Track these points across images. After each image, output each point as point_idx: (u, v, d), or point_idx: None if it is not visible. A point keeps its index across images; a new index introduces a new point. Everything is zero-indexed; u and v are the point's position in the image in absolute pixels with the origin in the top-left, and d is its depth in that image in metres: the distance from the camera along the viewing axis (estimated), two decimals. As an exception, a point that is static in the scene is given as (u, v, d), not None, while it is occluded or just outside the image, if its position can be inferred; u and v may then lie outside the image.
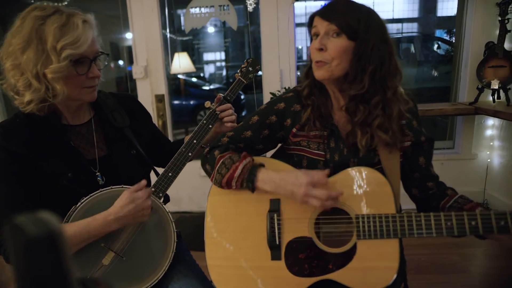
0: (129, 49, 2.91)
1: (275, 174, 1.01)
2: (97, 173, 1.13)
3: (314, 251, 1.02)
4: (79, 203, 1.06)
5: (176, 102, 4.80)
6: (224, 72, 6.08)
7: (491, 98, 2.60)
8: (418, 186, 1.13)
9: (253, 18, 3.19)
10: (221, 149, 1.10)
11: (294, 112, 1.10)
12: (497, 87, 2.49)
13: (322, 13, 1.01)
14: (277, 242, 1.05)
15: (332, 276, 1.01)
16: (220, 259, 1.10)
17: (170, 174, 1.19)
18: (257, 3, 2.77)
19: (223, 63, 6.06)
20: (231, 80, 5.66)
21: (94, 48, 1.03)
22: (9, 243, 0.31)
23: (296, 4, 2.78)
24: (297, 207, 1.04)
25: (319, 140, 1.08)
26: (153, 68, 2.84)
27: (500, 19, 2.48)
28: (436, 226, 0.94)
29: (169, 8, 2.88)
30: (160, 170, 1.24)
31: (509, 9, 2.45)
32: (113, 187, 1.10)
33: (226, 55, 5.85)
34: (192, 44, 5.11)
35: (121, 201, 1.05)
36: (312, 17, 1.04)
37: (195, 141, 1.24)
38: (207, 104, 1.32)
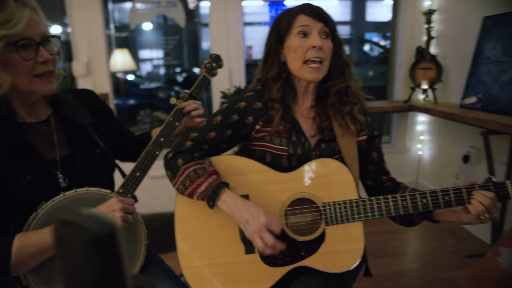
0: (66, 44, 2.70)
1: (239, 200, 1.03)
2: (59, 175, 1.06)
3: (286, 241, 1.06)
4: (39, 209, 0.98)
5: (115, 101, 4.57)
6: (162, 71, 5.91)
7: (421, 97, 2.88)
8: (372, 178, 1.22)
9: (193, 16, 3.15)
10: (185, 158, 1.09)
11: (256, 110, 1.13)
12: (426, 87, 2.77)
13: (314, 13, 1.06)
14: None
15: (305, 262, 1.07)
16: (194, 259, 1.10)
17: (138, 174, 1.15)
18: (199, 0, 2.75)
19: (161, 61, 5.89)
20: (172, 78, 5.52)
21: (37, 29, 0.94)
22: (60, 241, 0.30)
23: (244, 3, 2.82)
24: (266, 201, 1.08)
25: (282, 135, 1.12)
26: (96, 65, 2.68)
27: (426, 26, 2.75)
28: (394, 206, 1.03)
29: (105, 2, 2.74)
30: (127, 169, 1.19)
31: (432, 18, 2.73)
32: (77, 190, 1.04)
33: (165, 53, 5.69)
34: (127, 41, 4.89)
35: (106, 208, 1.01)
36: (296, 14, 1.08)
37: (162, 139, 1.21)
38: (173, 101, 1.29)
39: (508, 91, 2.14)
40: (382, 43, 4.16)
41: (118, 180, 1.20)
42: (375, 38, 5.01)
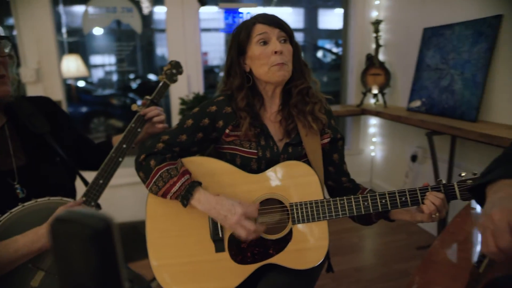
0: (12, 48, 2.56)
1: (212, 197, 1.06)
2: (16, 185, 1.02)
3: (255, 239, 1.10)
4: (-4, 221, 0.94)
5: (67, 109, 4.37)
6: (115, 77, 5.74)
7: (372, 101, 3.06)
8: (333, 179, 1.29)
9: (147, 21, 3.11)
10: (157, 159, 1.10)
11: (226, 114, 1.17)
12: (376, 92, 2.95)
13: (270, 20, 1.13)
14: (220, 235, 1.11)
15: (273, 260, 1.11)
16: (165, 258, 1.11)
17: (101, 181, 1.13)
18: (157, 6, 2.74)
19: (114, 67, 5.71)
20: (126, 85, 5.37)
21: None
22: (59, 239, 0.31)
23: (200, 9, 2.84)
24: (237, 199, 1.11)
25: (251, 139, 1.17)
26: (47, 71, 2.56)
27: (374, 35, 2.94)
28: (357, 206, 1.11)
29: (55, 4, 2.63)
30: (88, 177, 1.17)
31: (379, 28, 2.92)
32: (37, 200, 1.01)
33: (118, 59, 5.53)
34: (78, 46, 4.71)
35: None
36: (252, 24, 1.13)
37: (124, 146, 1.21)
38: (134, 107, 1.29)
39: (446, 95, 2.34)
40: (335, 50, 4.36)
41: (80, 188, 1.17)
42: (328, 45, 5.23)
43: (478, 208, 0.94)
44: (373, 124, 3.27)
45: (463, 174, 1.07)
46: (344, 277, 2.24)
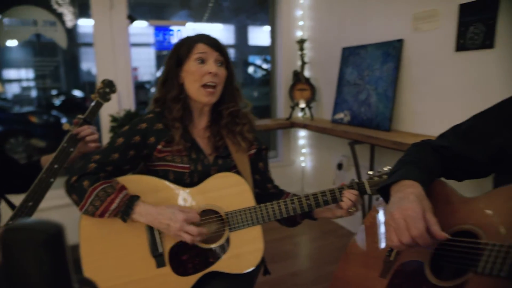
0: None
1: (152, 208, 1.09)
2: None
3: (194, 250, 1.14)
4: None
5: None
6: (34, 93, 5.33)
7: (300, 114, 3.26)
8: (259, 186, 1.38)
9: (71, 35, 2.99)
10: (91, 179, 1.10)
11: (157, 131, 1.20)
12: (304, 106, 3.15)
13: (211, 43, 1.19)
14: (160, 250, 1.13)
15: (213, 268, 1.16)
16: (106, 281, 1.09)
17: (30, 203, 1.09)
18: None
19: (32, 83, 5.31)
20: (49, 102, 5.02)
21: None
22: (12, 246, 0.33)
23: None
24: None
25: (183, 154, 1.21)
26: (-45, 88, 2.33)
27: (300, 53, 3.16)
28: (286, 209, 1.20)
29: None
30: (16, 200, 1.11)
31: (304, 46, 3.15)
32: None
33: (38, 74, 5.15)
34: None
35: None
36: (195, 42, 1.19)
37: (56, 166, 1.17)
38: (66, 126, 1.26)
39: (365, 108, 2.61)
40: (265, 66, 4.56)
41: (6, 213, 1.11)
42: (258, 61, 5.44)
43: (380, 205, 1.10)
44: (302, 136, 3.47)
45: (370, 173, 1.23)
46: (281, 282, 2.33)
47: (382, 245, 0.98)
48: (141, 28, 3.06)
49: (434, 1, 2.14)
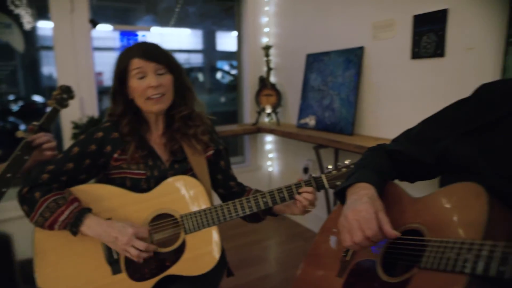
0: None
1: (103, 221, 1.09)
2: None
3: (150, 255, 1.13)
4: None
5: None
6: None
7: (267, 119, 3.30)
8: (222, 186, 1.40)
9: (30, 38, 2.88)
10: (43, 190, 1.08)
11: (114, 140, 1.21)
12: (270, 111, 3.20)
13: (146, 55, 1.16)
14: (115, 257, 1.13)
15: (170, 271, 1.16)
16: (61, 292, 1.06)
17: (-20, 215, 1.04)
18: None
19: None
20: (5, 108, 4.78)
21: None
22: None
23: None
24: (129, 220, 1.14)
25: (139, 161, 1.22)
26: None
27: (265, 59, 3.21)
28: (242, 208, 1.21)
29: None
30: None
31: (269, 52, 3.20)
32: None
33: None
34: None
35: None
36: (129, 58, 1.17)
37: (9, 175, 1.14)
38: (20, 134, 1.22)
39: (328, 113, 2.68)
40: (233, 72, 4.58)
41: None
42: (226, 66, 5.45)
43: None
44: (269, 141, 3.51)
45: (329, 167, 1.27)
46: (250, 287, 2.34)
47: (340, 246, 1.02)
48: (107, 32, 2.99)
49: (391, 11, 2.25)
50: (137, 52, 1.17)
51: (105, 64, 3.71)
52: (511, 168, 0.72)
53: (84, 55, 2.71)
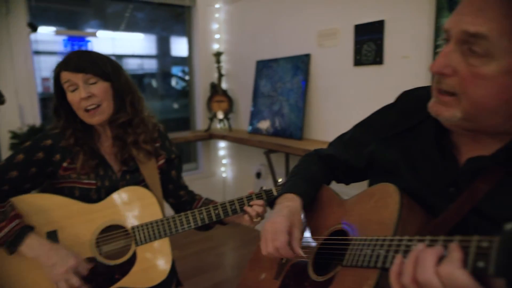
0: None
1: (47, 243, 1.04)
2: None
3: (98, 268, 1.10)
4: None
5: None
6: None
7: (219, 126, 3.31)
8: (173, 195, 1.39)
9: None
10: None
11: (63, 148, 1.16)
12: (222, 117, 3.20)
13: (72, 67, 1.12)
14: None
15: (120, 284, 1.13)
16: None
17: None
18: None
19: None
20: None
21: None
22: None
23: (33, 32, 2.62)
24: (76, 231, 1.11)
25: (89, 171, 1.18)
26: None
27: (216, 65, 3.22)
28: (193, 219, 1.22)
29: None
30: None
31: (220, 59, 3.22)
32: None
33: None
34: None
35: None
36: (58, 72, 1.14)
37: None
38: None
39: (278, 119, 2.74)
40: (187, 77, 4.54)
41: None
42: (180, 72, 5.39)
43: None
44: (222, 147, 3.52)
45: (280, 180, 1.30)
46: (203, 295, 2.32)
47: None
48: (54, 36, 2.86)
49: (335, 21, 2.35)
50: (64, 65, 1.14)
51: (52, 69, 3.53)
52: (425, 172, 0.77)
53: (23, 60, 2.57)
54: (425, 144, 0.79)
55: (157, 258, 1.18)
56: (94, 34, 2.92)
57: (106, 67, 1.17)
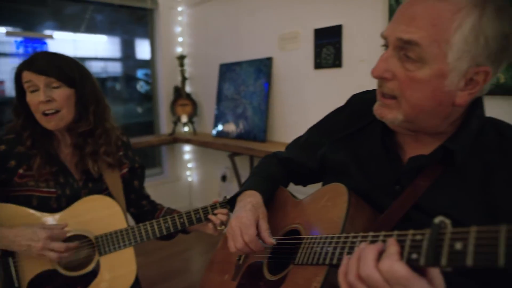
0: None
1: (8, 231, 1.01)
2: None
3: (59, 279, 1.07)
4: None
5: None
6: None
7: (183, 129, 3.28)
8: (135, 205, 1.37)
9: None
10: None
11: (19, 154, 1.12)
12: (186, 121, 3.18)
13: (35, 68, 1.08)
14: (17, 285, 1.04)
15: None
16: None
17: None
18: None
19: None
20: None
21: None
22: None
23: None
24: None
25: (48, 178, 1.14)
26: None
27: (180, 69, 3.20)
28: (159, 229, 1.20)
29: None
30: None
31: (184, 62, 3.20)
32: None
33: None
34: None
35: None
36: (20, 71, 1.10)
37: None
38: None
39: (242, 121, 2.75)
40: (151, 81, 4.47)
41: None
42: (145, 75, 5.28)
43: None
44: (187, 151, 3.48)
45: (226, 197, 1.30)
46: (168, 301, 2.28)
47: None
48: (3, 37, 2.72)
49: (295, 24, 2.40)
50: (27, 64, 1.09)
51: (8, 72, 3.35)
52: (373, 172, 0.81)
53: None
54: (372, 144, 0.83)
55: (122, 268, 1.15)
56: (50, 36, 2.81)
57: (73, 73, 1.13)
